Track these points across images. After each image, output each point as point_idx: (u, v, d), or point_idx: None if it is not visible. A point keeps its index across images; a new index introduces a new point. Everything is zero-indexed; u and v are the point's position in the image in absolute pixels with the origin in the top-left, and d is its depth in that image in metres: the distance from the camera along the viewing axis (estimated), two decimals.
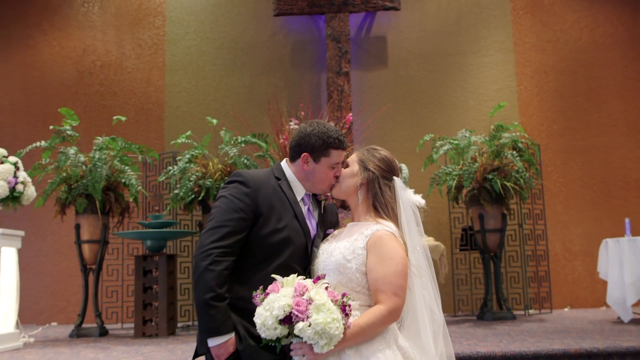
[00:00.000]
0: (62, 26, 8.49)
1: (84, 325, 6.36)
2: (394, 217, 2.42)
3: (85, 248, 6.27)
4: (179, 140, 6.64)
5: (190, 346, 4.96)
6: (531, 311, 7.11)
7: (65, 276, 8.03)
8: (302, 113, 6.87)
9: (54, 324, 7.81)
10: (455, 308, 7.22)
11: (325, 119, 7.16)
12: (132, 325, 6.88)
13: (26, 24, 8.49)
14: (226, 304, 2.27)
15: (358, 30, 8.23)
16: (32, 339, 5.71)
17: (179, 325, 6.73)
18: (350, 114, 7.41)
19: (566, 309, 7.63)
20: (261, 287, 2.20)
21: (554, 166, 8.02)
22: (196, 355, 2.41)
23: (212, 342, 2.26)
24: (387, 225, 2.36)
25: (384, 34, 8.26)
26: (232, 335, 2.27)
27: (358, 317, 2.22)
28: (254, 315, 2.17)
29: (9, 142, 8.14)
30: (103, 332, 6.17)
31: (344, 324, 2.12)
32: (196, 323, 6.89)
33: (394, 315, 2.24)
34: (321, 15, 8.10)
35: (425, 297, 2.40)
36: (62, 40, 8.45)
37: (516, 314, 6.82)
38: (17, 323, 5.43)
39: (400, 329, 2.38)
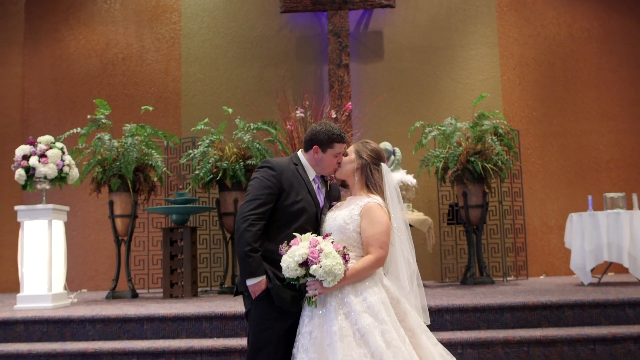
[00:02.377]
0: (86, 21, 9.31)
1: (115, 290, 7.27)
2: (381, 193, 3.29)
3: (118, 222, 7.18)
4: (198, 127, 7.52)
5: (215, 303, 5.87)
6: (509, 278, 8.04)
7: (93, 248, 8.93)
8: (307, 102, 7.70)
9: (84, 290, 8.72)
10: (442, 275, 8.16)
11: (327, 107, 8.03)
12: (158, 289, 7.84)
13: (54, 20, 9.31)
14: (259, 255, 3.15)
15: (357, 25, 9.06)
16: (75, 299, 6.63)
17: (199, 289, 7.64)
18: (350, 103, 8.27)
19: (542, 277, 8.55)
20: (285, 242, 3.08)
21: (533, 149, 8.90)
22: (237, 293, 3.31)
23: (250, 282, 3.15)
24: (375, 199, 3.23)
25: (380, 29, 9.09)
26: (264, 277, 3.15)
27: (354, 264, 3.11)
28: (279, 264, 3.05)
29: (40, 127, 9.04)
30: (134, 295, 7.10)
31: (344, 268, 3.01)
32: (214, 288, 7.85)
33: (379, 262, 3.13)
34: (323, 12, 8.90)
35: (403, 251, 3.29)
36: (87, 35, 9.28)
37: (496, 280, 7.74)
38: (64, 285, 6.36)
39: (385, 274, 3.27)
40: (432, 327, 3.45)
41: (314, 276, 2.99)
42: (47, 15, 9.30)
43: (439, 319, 5.01)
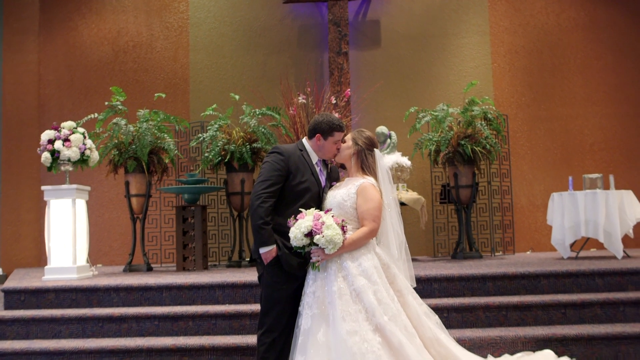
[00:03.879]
0: (98, 10, 9.78)
1: (131, 264, 7.82)
2: (374, 174, 3.84)
3: (134, 201, 7.73)
4: (207, 112, 8.05)
5: (225, 275, 6.42)
6: (497, 253, 8.61)
7: (107, 226, 9.50)
8: (308, 89, 8.18)
9: (99, 265, 9.29)
10: (435, 251, 8.74)
11: (328, 94, 8.52)
12: (170, 264, 8.42)
13: (67, 9, 9.78)
14: (270, 227, 3.70)
15: (355, 15, 9.54)
16: (96, 272, 7.21)
17: (209, 263, 8.20)
18: (349, 89, 8.78)
19: (528, 252, 9.13)
20: (293, 216, 3.64)
21: (521, 132, 9.43)
22: (251, 260, 3.88)
23: (262, 250, 3.71)
24: (369, 180, 3.78)
25: (378, 19, 9.57)
26: (275, 246, 3.71)
27: (351, 235, 3.66)
28: (287, 234, 3.62)
29: (56, 111, 9.56)
30: (149, 268, 7.67)
31: (343, 237, 3.58)
32: (222, 262, 8.42)
33: (372, 233, 3.70)
34: (324, 2, 9.35)
35: (393, 224, 3.85)
36: (99, 23, 9.76)
37: (484, 255, 8.31)
38: (87, 259, 6.93)
39: (377, 244, 3.83)
40: (422, 294, 4.02)
41: (317, 245, 3.55)
42: (60, 4, 9.77)
43: (428, 287, 5.56)
